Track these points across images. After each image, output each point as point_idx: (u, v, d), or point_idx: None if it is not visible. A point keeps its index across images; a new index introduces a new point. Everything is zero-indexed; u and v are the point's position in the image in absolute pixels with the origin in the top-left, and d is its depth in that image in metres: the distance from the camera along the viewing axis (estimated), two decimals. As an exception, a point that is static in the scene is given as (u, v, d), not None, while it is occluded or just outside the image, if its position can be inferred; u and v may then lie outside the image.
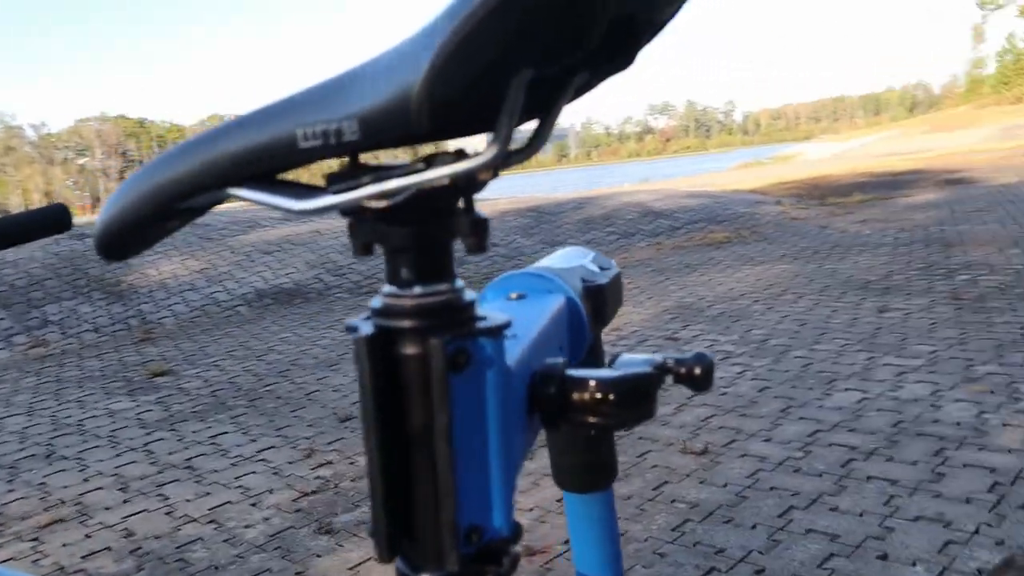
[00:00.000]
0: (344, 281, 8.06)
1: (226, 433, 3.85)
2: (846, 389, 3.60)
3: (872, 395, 3.49)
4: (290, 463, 3.39)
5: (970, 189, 11.90)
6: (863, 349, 4.20)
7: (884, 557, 2.22)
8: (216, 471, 3.37)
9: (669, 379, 0.45)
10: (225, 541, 2.72)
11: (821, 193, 13.26)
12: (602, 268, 0.62)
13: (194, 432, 3.91)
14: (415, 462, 0.35)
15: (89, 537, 2.87)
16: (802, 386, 3.71)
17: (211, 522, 2.88)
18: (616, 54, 0.36)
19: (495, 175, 0.34)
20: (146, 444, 3.80)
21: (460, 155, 0.33)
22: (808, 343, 4.42)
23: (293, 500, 3.01)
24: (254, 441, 3.70)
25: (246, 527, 2.82)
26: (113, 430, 4.07)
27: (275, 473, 3.29)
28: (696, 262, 7.68)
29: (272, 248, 9.02)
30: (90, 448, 3.82)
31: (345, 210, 0.35)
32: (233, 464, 3.44)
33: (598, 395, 0.39)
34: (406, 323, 0.35)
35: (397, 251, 0.36)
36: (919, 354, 4.01)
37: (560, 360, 0.41)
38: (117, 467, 3.53)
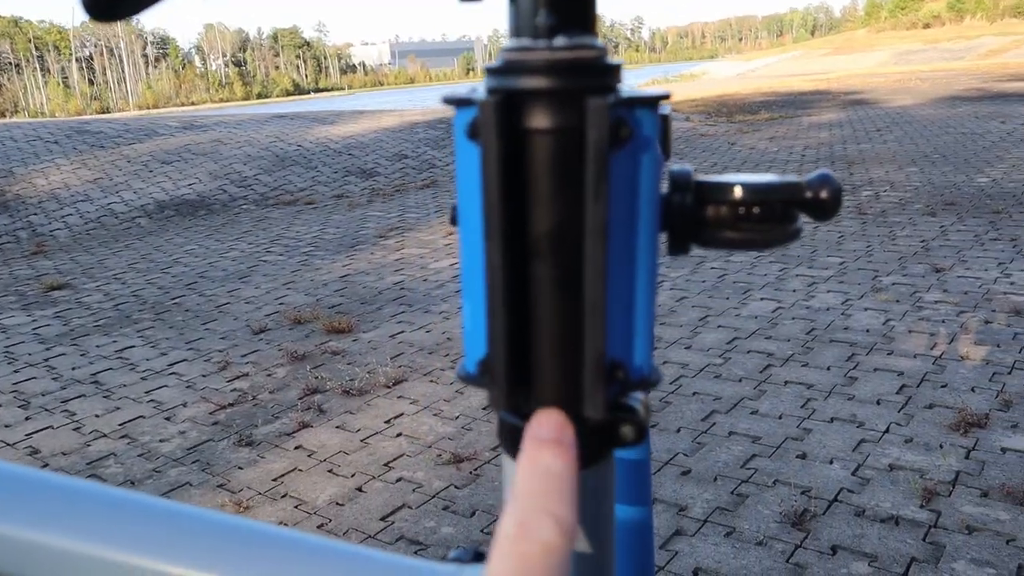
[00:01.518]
0: (250, 193, 7.76)
1: (133, 347, 3.69)
2: (761, 299, 3.69)
3: (786, 304, 3.59)
4: (204, 376, 3.27)
5: (869, 110, 12.24)
6: (776, 260, 4.31)
7: (803, 456, 2.30)
8: (125, 385, 3.23)
9: None
10: (140, 456, 2.62)
11: (728, 111, 13.42)
12: None
13: (98, 347, 3.73)
14: (548, 275, 0.27)
15: (-10, 455, 2.72)
16: (719, 296, 3.79)
17: (123, 437, 2.77)
18: None
19: None
20: (46, 360, 3.61)
21: None
22: (722, 254, 4.50)
23: (210, 413, 2.91)
24: (164, 355, 3.55)
25: (161, 441, 2.72)
26: (8, 346, 3.85)
27: (188, 386, 3.18)
28: (610, 177, 7.69)
29: (172, 158, 8.58)
30: (-16, 364, 3.60)
31: None
32: (143, 378, 3.30)
33: (743, 206, 0.30)
34: (548, 83, 0.26)
35: None
36: (829, 265, 4.14)
37: (689, 166, 0.32)
38: (16, 383, 3.34)
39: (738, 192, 0.30)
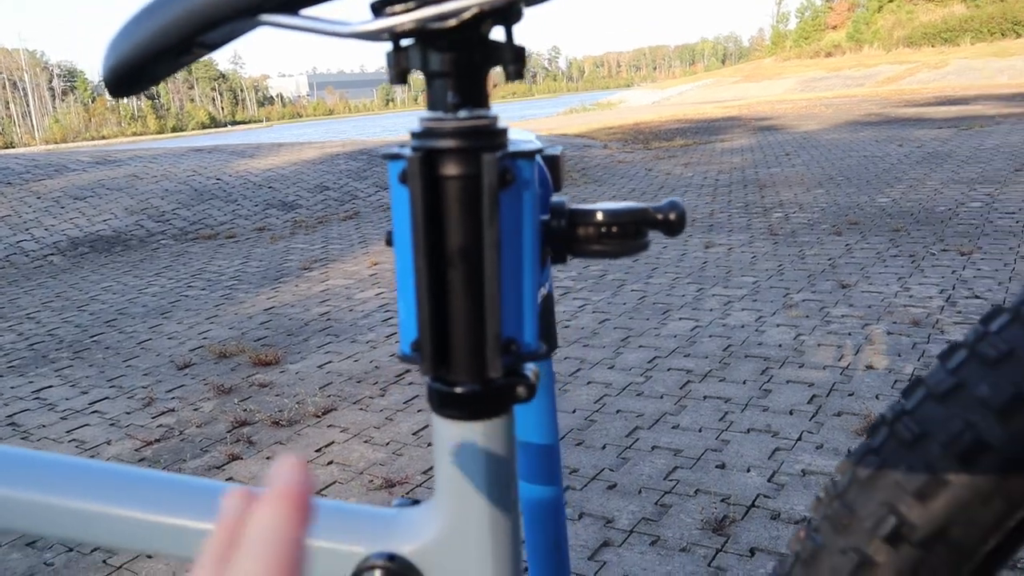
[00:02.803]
0: (168, 227, 7.63)
1: (51, 387, 3.61)
2: (680, 318, 3.83)
3: (703, 323, 3.73)
4: (128, 413, 3.22)
5: (778, 135, 12.74)
6: (693, 281, 4.47)
7: (722, 466, 2.41)
8: (44, 426, 3.16)
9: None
10: (63, 496, 2.57)
11: (645, 138, 13.79)
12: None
13: (13, 388, 3.63)
14: (459, 277, 0.37)
15: (-99, 503, 2.62)
16: (639, 317, 3.91)
17: (45, 478, 2.71)
18: None
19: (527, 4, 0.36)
20: (-42, 402, 3.49)
21: None
22: (642, 277, 4.65)
23: (136, 450, 2.87)
24: (85, 393, 3.49)
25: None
26: (-84, 390, 3.71)
27: (112, 424, 3.13)
28: (531, 204, 7.82)
29: (85, 193, 8.38)
30: None
31: (392, 35, 0.35)
32: (63, 418, 3.23)
33: (604, 227, 0.41)
34: (455, 143, 0.36)
35: (443, 76, 0.37)
36: (743, 285, 4.31)
37: (565, 197, 0.44)
38: (-74, 428, 3.23)
39: (600, 216, 0.41)
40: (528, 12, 0.37)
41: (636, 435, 2.66)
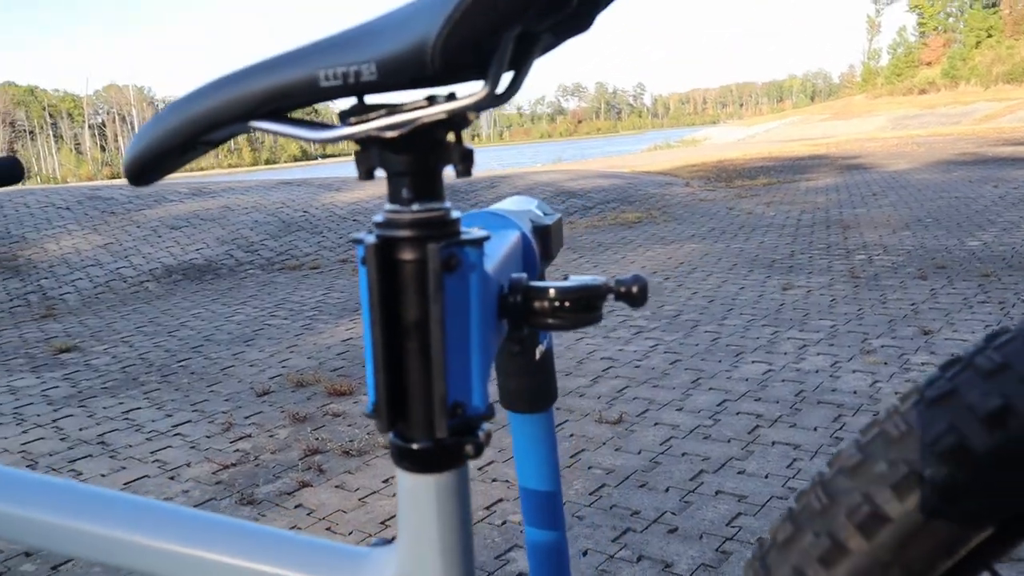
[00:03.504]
0: (256, 258, 7.92)
1: (139, 408, 3.78)
2: (752, 361, 3.78)
3: (776, 367, 3.68)
4: (208, 437, 3.35)
5: (866, 174, 12.46)
6: (768, 324, 4.41)
7: (787, 514, 2.36)
8: (131, 446, 3.32)
9: (611, 297, 0.52)
10: (144, 515, 2.69)
11: (728, 176, 13.66)
12: (545, 214, 0.70)
13: (105, 408, 3.82)
14: (412, 348, 0.42)
15: (-2, 514, 2.78)
16: (711, 359, 3.88)
17: (128, 497, 2.84)
18: (580, 18, 0.42)
19: (478, 114, 0.41)
20: (54, 420, 3.70)
21: (453, 97, 0.40)
22: (717, 318, 4.61)
23: (213, 473, 2.99)
24: (169, 416, 3.64)
25: (165, 500, 2.78)
26: (17, 407, 3.94)
27: (192, 447, 3.26)
28: (609, 241, 7.85)
29: (180, 223, 8.78)
30: (-6, 425, 3.69)
31: (356, 139, 0.42)
32: (148, 439, 3.38)
33: (557, 301, 0.47)
34: (407, 233, 0.41)
35: (400, 175, 0.42)
36: (820, 328, 4.23)
37: (524, 274, 0.49)
38: (24, 444, 3.43)
39: (552, 292, 0.47)
40: (609, 50, 0.40)
41: (701, 479, 2.64)
